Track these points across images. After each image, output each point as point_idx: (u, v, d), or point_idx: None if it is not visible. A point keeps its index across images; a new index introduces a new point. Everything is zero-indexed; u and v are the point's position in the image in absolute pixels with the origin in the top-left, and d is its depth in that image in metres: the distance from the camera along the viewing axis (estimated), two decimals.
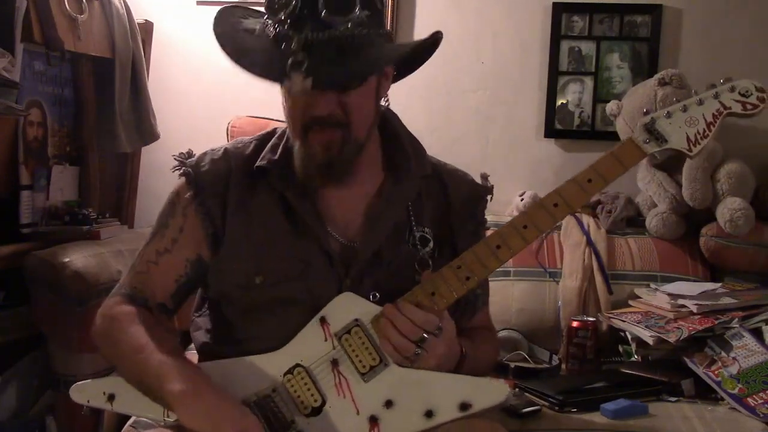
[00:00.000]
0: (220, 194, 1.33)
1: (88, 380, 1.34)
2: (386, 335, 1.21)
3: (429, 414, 1.19)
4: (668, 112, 1.30)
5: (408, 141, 1.41)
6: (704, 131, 1.29)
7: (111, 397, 1.28)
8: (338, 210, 1.34)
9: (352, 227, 1.34)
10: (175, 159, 1.38)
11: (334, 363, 1.24)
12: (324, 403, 1.23)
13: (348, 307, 1.26)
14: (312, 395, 1.23)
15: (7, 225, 2.07)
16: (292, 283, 1.29)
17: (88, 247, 2.01)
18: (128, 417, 1.66)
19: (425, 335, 1.20)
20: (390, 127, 1.40)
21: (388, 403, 1.21)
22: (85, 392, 1.32)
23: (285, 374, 1.24)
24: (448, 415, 1.19)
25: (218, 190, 1.33)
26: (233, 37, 1.24)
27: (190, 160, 1.37)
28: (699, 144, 1.29)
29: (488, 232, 1.44)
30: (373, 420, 1.21)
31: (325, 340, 1.25)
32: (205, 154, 1.38)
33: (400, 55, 1.30)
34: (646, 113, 1.31)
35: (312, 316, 1.26)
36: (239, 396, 1.22)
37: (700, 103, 1.30)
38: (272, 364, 1.26)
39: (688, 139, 1.29)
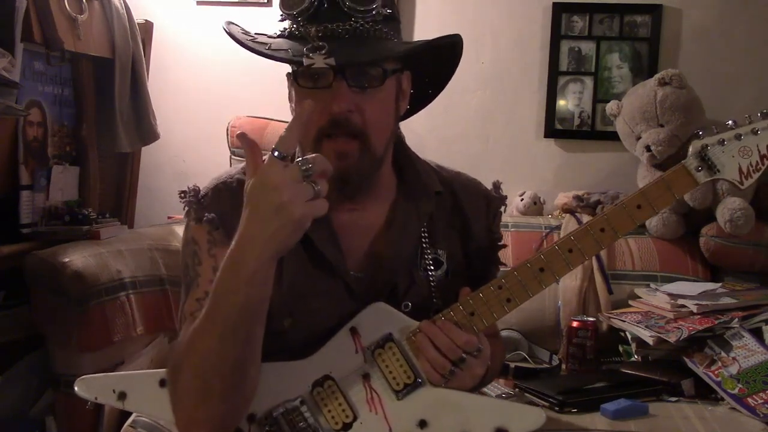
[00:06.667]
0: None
1: (97, 375, 1.29)
2: (424, 352, 1.17)
3: None
4: (722, 139, 1.21)
5: (417, 161, 1.36)
6: (757, 164, 1.21)
7: (122, 396, 1.24)
8: (352, 237, 1.27)
9: (364, 257, 1.28)
10: (182, 201, 1.26)
11: (366, 377, 1.19)
12: (355, 418, 1.18)
13: (380, 319, 1.21)
14: (343, 410, 1.19)
15: (7, 225, 2.06)
16: (317, 319, 1.23)
17: (88, 247, 2.00)
18: (128, 416, 1.66)
19: (464, 355, 1.17)
20: (401, 148, 1.35)
21: (422, 423, 1.17)
22: (93, 388, 1.27)
23: (314, 386, 1.20)
24: None
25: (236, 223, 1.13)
26: (249, 37, 1.22)
27: (201, 198, 1.25)
28: (751, 177, 1.21)
29: None
30: None
31: (356, 352, 1.20)
32: (217, 188, 1.26)
33: (416, 47, 1.25)
34: (697, 136, 1.22)
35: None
36: (265, 405, 1.19)
37: (755, 132, 1.21)
38: (300, 374, 1.21)
39: (740, 170, 1.21)
